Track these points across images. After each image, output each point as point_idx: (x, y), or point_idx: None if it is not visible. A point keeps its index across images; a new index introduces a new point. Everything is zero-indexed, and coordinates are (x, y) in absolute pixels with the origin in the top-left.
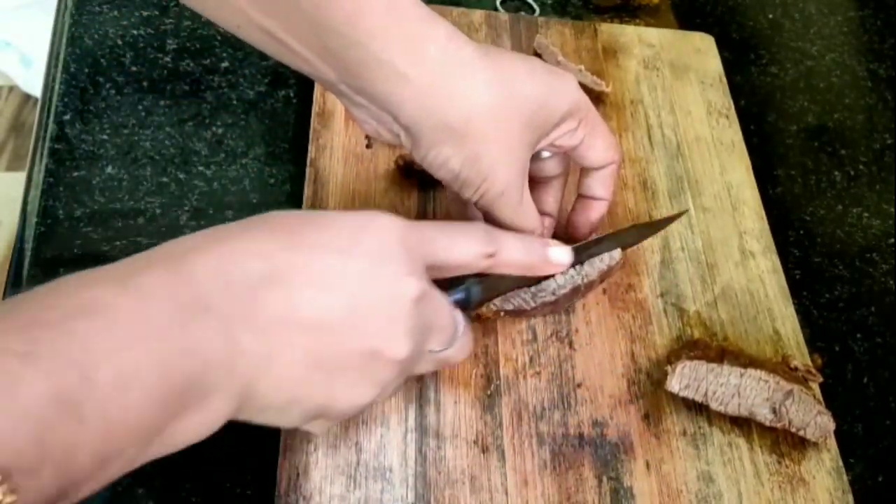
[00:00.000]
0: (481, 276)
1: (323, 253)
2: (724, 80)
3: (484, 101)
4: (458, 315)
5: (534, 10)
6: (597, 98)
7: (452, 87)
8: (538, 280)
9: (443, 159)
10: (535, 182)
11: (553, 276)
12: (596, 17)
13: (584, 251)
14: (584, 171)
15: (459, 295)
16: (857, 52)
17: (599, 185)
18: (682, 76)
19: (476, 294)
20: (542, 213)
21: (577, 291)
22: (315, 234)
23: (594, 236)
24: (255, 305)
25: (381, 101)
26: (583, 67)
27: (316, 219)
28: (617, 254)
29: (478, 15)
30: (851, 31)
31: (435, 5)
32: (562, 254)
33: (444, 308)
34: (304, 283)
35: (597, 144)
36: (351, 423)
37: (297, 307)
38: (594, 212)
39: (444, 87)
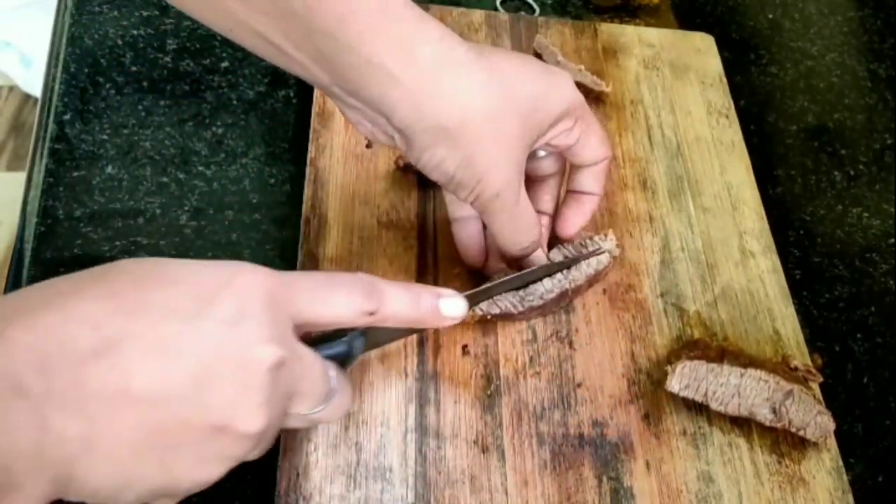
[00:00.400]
0: (366, 329)
1: (167, 317)
2: (724, 80)
3: (478, 102)
4: (333, 373)
5: (534, 10)
6: (597, 98)
7: (445, 89)
8: (526, 284)
9: (437, 161)
10: (531, 181)
11: (541, 279)
12: (596, 17)
13: (482, 296)
14: (575, 167)
15: (339, 349)
16: (857, 52)
17: (592, 180)
18: (682, 76)
19: (359, 348)
20: (539, 212)
21: (565, 296)
22: (162, 294)
23: (502, 277)
24: (77, 381)
25: (375, 104)
26: (583, 67)
27: (169, 274)
28: (605, 258)
29: (478, 15)
30: (851, 31)
31: (435, 6)
32: (455, 306)
33: (312, 370)
34: (139, 351)
35: (591, 142)
36: (351, 422)
37: (128, 380)
38: (586, 207)
39: (437, 89)
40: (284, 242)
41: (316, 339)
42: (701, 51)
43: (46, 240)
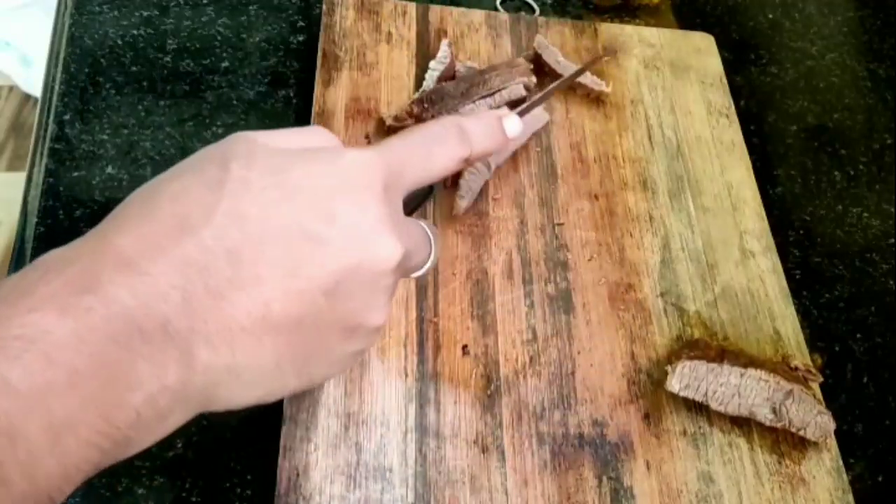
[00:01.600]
0: None
1: (298, 238)
2: (725, 80)
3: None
4: (429, 233)
5: (534, 10)
6: (597, 98)
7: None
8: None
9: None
10: None
11: None
12: (596, 17)
13: (527, 112)
14: None
15: (424, 193)
16: (857, 52)
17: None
18: (682, 76)
19: (438, 188)
20: None
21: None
22: (290, 213)
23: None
24: (219, 316)
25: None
26: None
27: (288, 180)
28: (543, 116)
29: (478, 15)
30: (851, 31)
31: (436, 6)
32: (515, 124)
33: (420, 245)
34: (273, 278)
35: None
36: (351, 422)
37: (266, 309)
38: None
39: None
40: None
41: None
42: (701, 50)
43: (46, 240)
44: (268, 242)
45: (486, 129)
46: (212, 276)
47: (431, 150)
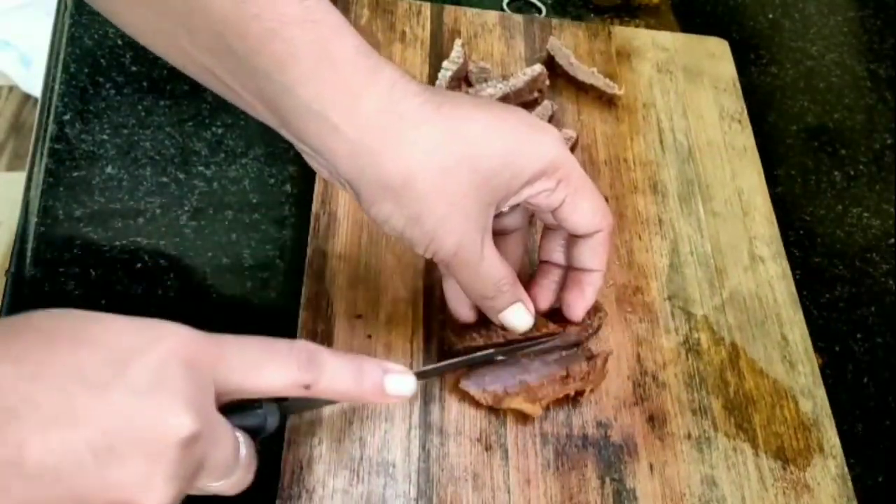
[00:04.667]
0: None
1: (73, 384)
2: (738, 85)
3: (424, 160)
4: (243, 445)
5: (540, 11)
6: (609, 101)
7: (388, 144)
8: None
9: (384, 217)
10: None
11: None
12: (596, 18)
13: (432, 374)
14: (573, 241)
15: (252, 421)
16: (857, 52)
17: (590, 255)
18: (695, 80)
19: (273, 423)
20: (549, 262)
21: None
22: (71, 358)
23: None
24: None
25: (319, 153)
26: (595, 69)
27: (83, 334)
28: (538, 67)
29: (491, 16)
30: (851, 31)
31: (450, 7)
32: (401, 384)
33: (224, 443)
34: (36, 421)
35: (582, 207)
36: (355, 417)
37: (19, 452)
38: (588, 286)
39: (380, 143)
40: (284, 242)
41: (229, 405)
42: (715, 55)
43: (46, 240)
44: (39, 382)
45: (348, 371)
46: None
47: (263, 361)
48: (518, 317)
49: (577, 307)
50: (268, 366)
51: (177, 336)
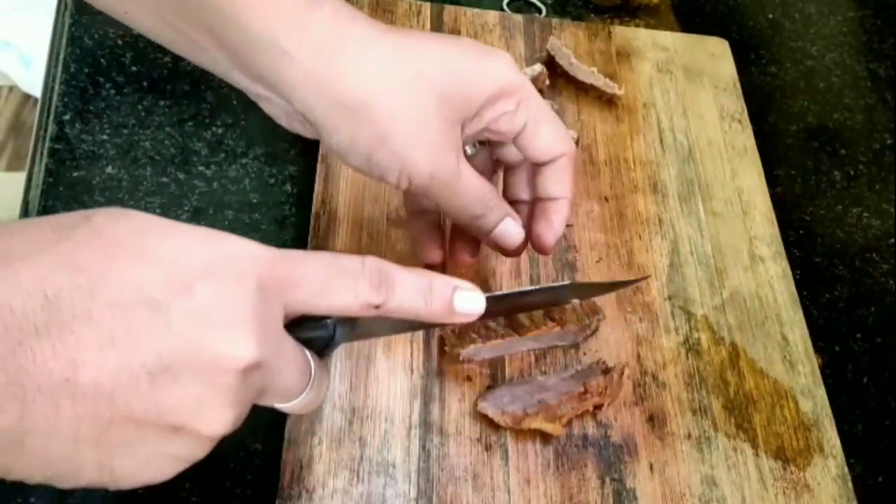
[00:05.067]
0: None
1: (132, 302)
2: (738, 84)
3: (381, 78)
4: (312, 365)
5: (540, 11)
6: (609, 100)
7: (342, 64)
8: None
9: (347, 143)
10: (504, 169)
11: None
12: (596, 18)
13: (505, 300)
14: (537, 170)
15: (321, 332)
16: (857, 52)
17: (554, 182)
18: (695, 80)
19: (342, 336)
20: (515, 200)
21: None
22: (132, 272)
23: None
24: (14, 364)
25: (273, 86)
26: (595, 69)
27: (147, 246)
28: (538, 66)
29: (491, 16)
30: (851, 31)
31: (450, 6)
32: (470, 301)
33: (292, 367)
34: (91, 338)
35: (542, 131)
36: (355, 417)
37: (72, 369)
38: (554, 214)
39: (333, 65)
40: (284, 242)
41: (296, 320)
42: (715, 55)
43: None
44: (97, 298)
45: (418, 289)
46: (17, 319)
47: (333, 281)
48: (511, 231)
49: (547, 237)
50: (338, 286)
51: (247, 258)
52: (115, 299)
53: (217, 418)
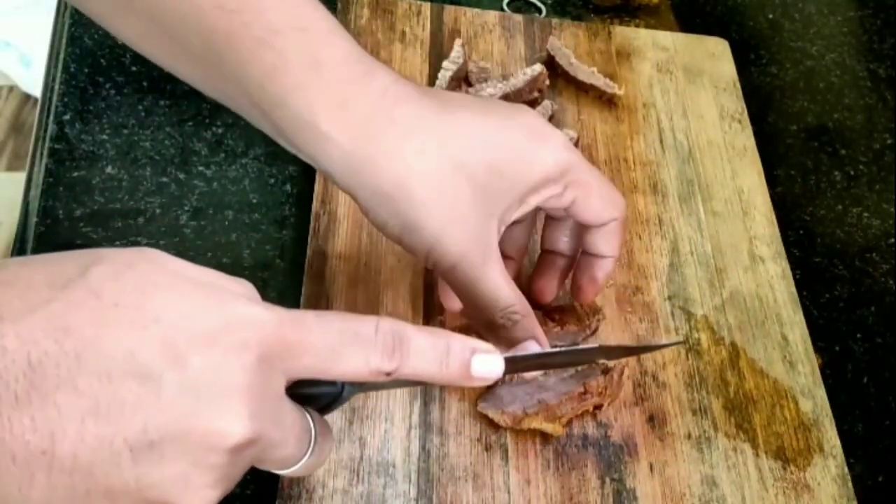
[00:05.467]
0: None
1: (121, 372)
2: (738, 84)
3: (419, 166)
4: (314, 429)
5: (540, 11)
6: (609, 100)
7: (381, 150)
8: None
9: (381, 223)
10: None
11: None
12: (596, 18)
13: (523, 361)
14: (585, 229)
15: (327, 389)
16: (857, 52)
17: (603, 242)
18: (695, 80)
19: (349, 394)
20: (553, 251)
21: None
22: (125, 339)
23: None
24: None
25: (314, 161)
26: (595, 69)
27: (147, 305)
28: (538, 66)
29: (491, 16)
30: (851, 31)
31: (450, 6)
32: (490, 365)
33: (291, 435)
34: (73, 408)
35: (592, 204)
36: (355, 418)
37: (50, 441)
38: (599, 270)
39: (373, 150)
40: (284, 242)
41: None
42: (715, 55)
43: (46, 240)
44: (84, 366)
45: (435, 354)
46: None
47: (343, 348)
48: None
49: (589, 291)
50: (348, 353)
51: (252, 324)
52: (103, 368)
53: (200, 498)
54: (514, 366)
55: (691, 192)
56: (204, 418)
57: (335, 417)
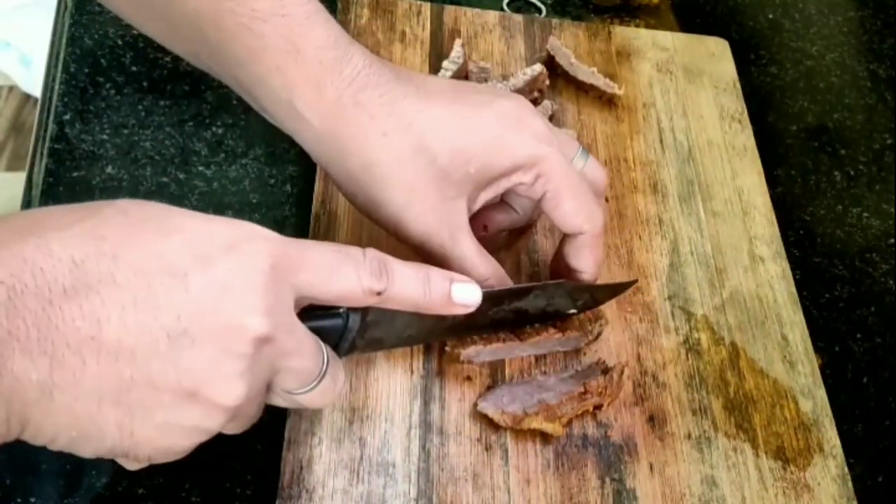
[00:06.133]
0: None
1: (155, 268)
2: (738, 84)
3: (381, 148)
4: (326, 353)
5: (540, 11)
6: (609, 100)
7: (348, 131)
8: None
9: (350, 197)
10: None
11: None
12: (596, 18)
13: (503, 298)
14: (564, 237)
15: (333, 321)
16: (857, 52)
17: (574, 255)
18: (695, 80)
19: (354, 324)
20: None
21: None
22: (156, 243)
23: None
24: (44, 323)
25: (293, 135)
26: (595, 69)
27: (170, 223)
28: (538, 66)
29: (491, 16)
30: (851, 31)
31: (450, 6)
32: (467, 292)
33: (304, 346)
34: (116, 299)
35: (564, 205)
36: (355, 417)
37: (98, 328)
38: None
39: (340, 132)
40: None
41: (309, 311)
42: (715, 55)
43: None
44: (121, 264)
45: (416, 280)
46: (47, 280)
47: (338, 266)
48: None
49: None
50: (343, 271)
51: (263, 238)
52: (138, 266)
53: (229, 386)
54: (491, 299)
55: (691, 192)
56: (229, 310)
57: (335, 417)
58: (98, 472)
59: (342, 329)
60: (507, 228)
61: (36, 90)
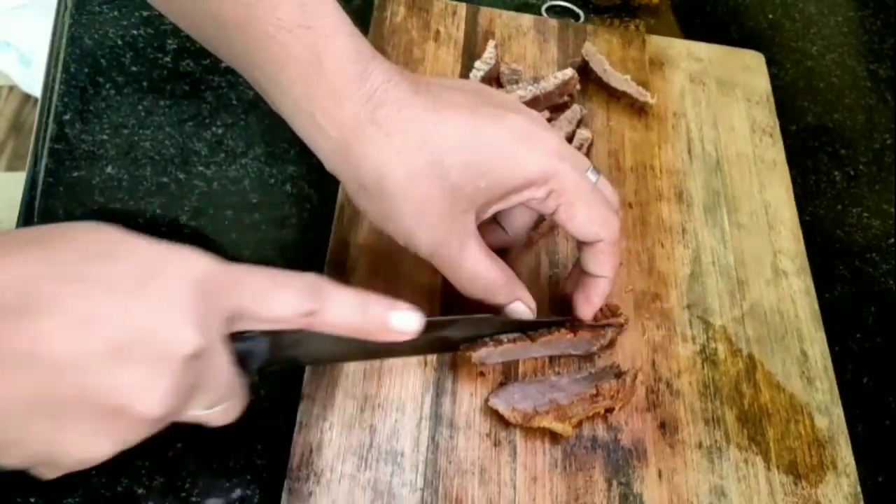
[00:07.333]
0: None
1: (98, 291)
2: (772, 98)
3: (393, 164)
4: (236, 374)
5: (577, 17)
6: (640, 109)
7: (363, 146)
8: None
9: (363, 210)
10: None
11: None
12: (595, 17)
13: (440, 326)
14: (579, 244)
15: (241, 345)
16: (857, 52)
17: (592, 261)
18: (728, 92)
19: (261, 350)
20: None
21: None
22: (100, 269)
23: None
24: None
25: (309, 144)
26: (629, 77)
27: (114, 249)
28: (569, 71)
29: (526, 19)
30: (851, 31)
31: (486, 8)
32: (406, 320)
33: (222, 369)
34: (57, 319)
35: (578, 217)
36: (367, 405)
37: (35, 344)
38: (594, 290)
39: (356, 145)
40: (284, 242)
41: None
42: (750, 68)
43: None
44: (68, 284)
45: (353, 305)
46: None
47: (272, 288)
48: (517, 313)
49: (584, 310)
50: (276, 292)
51: (195, 261)
52: (83, 288)
53: (156, 401)
54: (431, 326)
55: (717, 202)
56: (163, 329)
57: (347, 403)
58: (98, 472)
59: (246, 355)
60: (495, 248)
61: (36, 90)
